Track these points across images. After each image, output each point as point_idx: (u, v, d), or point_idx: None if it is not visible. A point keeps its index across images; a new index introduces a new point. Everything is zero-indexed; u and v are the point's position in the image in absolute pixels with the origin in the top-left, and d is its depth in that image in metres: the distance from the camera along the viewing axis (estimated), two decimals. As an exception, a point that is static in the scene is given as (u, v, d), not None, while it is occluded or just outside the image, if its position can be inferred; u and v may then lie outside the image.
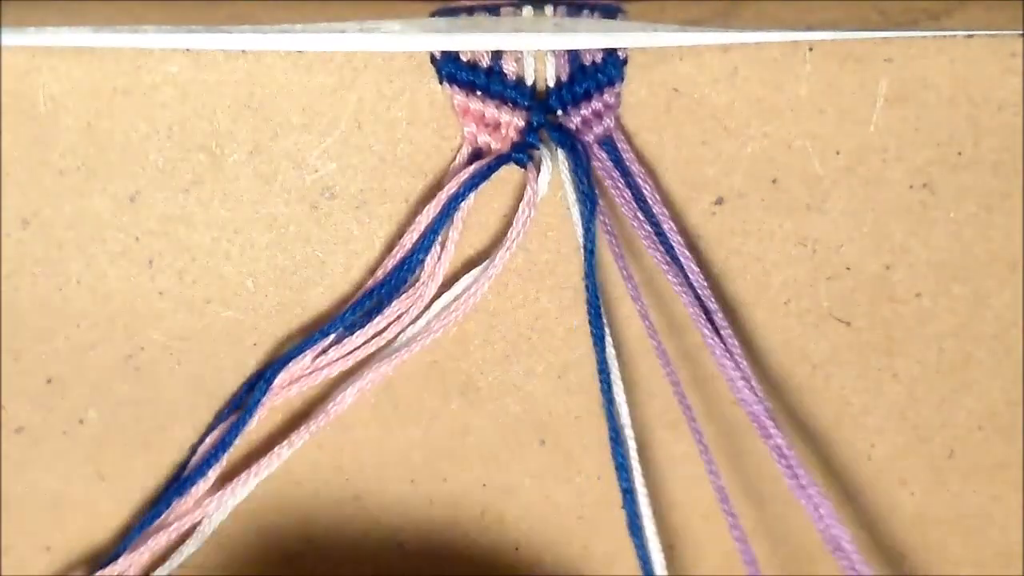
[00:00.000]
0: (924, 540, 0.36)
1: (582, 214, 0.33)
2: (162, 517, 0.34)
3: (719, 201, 0.34)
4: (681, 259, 0.34)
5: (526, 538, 0.36)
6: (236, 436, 0.34)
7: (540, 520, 0.36)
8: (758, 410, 0.33)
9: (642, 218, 0.34)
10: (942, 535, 0.36)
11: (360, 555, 0.36)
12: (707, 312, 0.34)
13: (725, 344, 0.33)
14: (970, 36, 0.33)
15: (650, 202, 0.33)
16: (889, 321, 0.35)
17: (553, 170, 0.34)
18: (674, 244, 0.34)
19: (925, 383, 0.35)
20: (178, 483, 0.34)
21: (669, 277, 0.34)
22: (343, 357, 0.34)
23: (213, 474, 0.34)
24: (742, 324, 0.35)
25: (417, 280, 0.34)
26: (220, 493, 0.34)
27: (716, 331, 0.34)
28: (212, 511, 0.34)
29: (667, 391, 0.35)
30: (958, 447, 0.35)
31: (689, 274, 0.34)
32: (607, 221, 0.34)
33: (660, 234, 0.34)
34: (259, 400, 0.34)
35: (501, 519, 0.36)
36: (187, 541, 0.34)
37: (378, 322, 0.34)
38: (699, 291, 0.34)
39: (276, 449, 0.34)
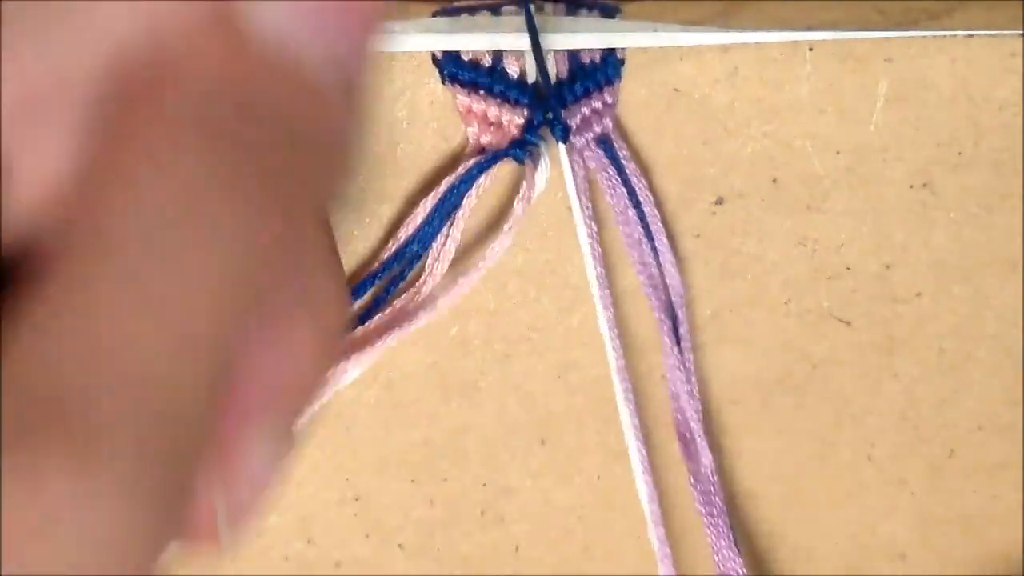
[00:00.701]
0: (924, 540, 0.36)
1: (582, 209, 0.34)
2: None
3: (719, 201, 0.34)
4: (664, 264, 0.34)
5: (526, 538, 0.36)
6: None
7: (540, 520, 0.36)
8: (695, 428, 0.33)
9: (632, 217, 0.34)
10: (942, 535, 0.36)
11: (360, 555, 0.36)
12: (675, 323, 0.34)
13: (683, 355, 0.34)
14: (970, 36, 0.33)
15: (642, 202, 0.34)
16: (889, 321, 0.35)
17: (552, 169, 0.34)
18: (659, 248, 0.34)
19: (925, 383, 0.35)
20: None
21: (643, 279, 0.34)
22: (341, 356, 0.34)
23: None
24: (742, 324, 0.35)
25: (416, 278, 0.34)
26: None
27: (677, 341, 0.34)
28: None
29: (657, 395, 0.35)
30: (958, 447, 0.35)
31: (668, 279, 0.34)
32: (593, 224, 0.34)
33: (648, 235, 0.34)
34: None
35: (501, 519, 0.36)
36: None
37: (377, 320, 0.34)
38: (673, 298, 0.34)
39: None
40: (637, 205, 0.34)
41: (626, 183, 0.34)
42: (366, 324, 0.34)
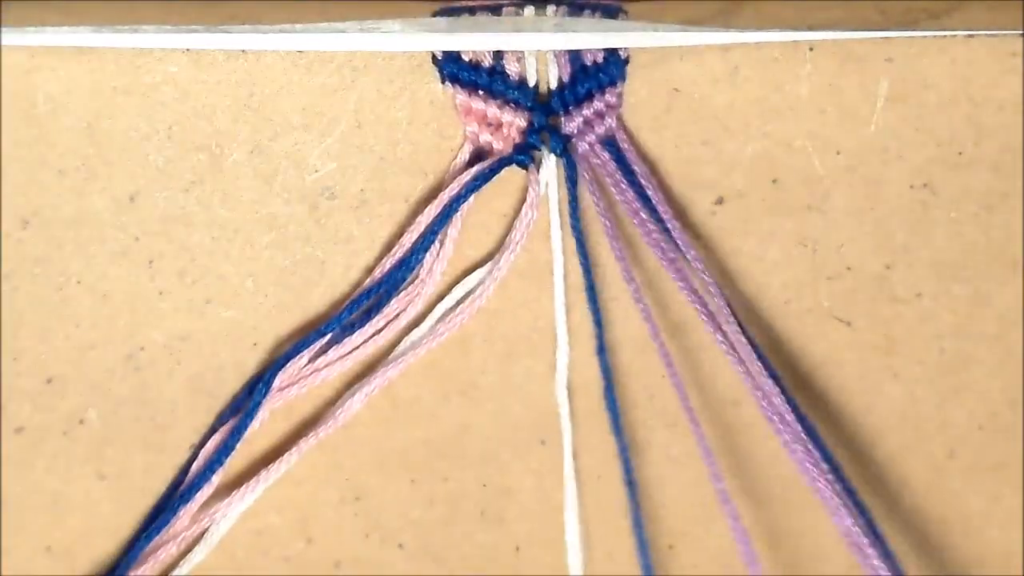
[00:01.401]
0: (924, 540, 0.36)
1: (570, 223, 0.34)
2: (168, 526, 0.34)
3: (719, 201, 0.34)
4: (688, 257, 0.34)
5: (526, 538, 0.36)
6: (238, 441, 0.34)
7: (540, 520, 0.36)
8: (777, 403, 0.33)
9: (645, 217, 0.34)
10: (942, 535, 0.36)
11: (360, 555, 0.36)
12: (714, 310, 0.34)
13: (730, 342, 0.33)
14: (971, 36, 0.33)
15: (654, 201, 0.33)
16: (889, 321, 0.35)
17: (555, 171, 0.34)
18: (679, 242, 0.34)
19: (925, 383, 0.35)
20: (183, 491, 0.34)
21: (672, 275, 0.34)
22: (342, 358, 0.34)
23: (217, 479, 0.34)
24: (742, 324, 0.35)
25: (416, 279, 0.34)
26: (227, 500, 0.34)
27: (720, 329, 0.34)
28: (219, 518, 0.34)
29: (666, 391, 0.35)
30: (958, 447, 0.35)
31: (697, 271, 0.34)
32: (608, 223, 0.34)
33: (664, 232, 0.34)
34: (259, 403, 0.34)
35: (501, 519, 0.36)
36: (194, 548, 0.34)
37: (376, 321, 0.34)
38: (709, 288, 0.34)
39: (285, 456, 0.34)
40: (648, 203, 0.34)
41: (633, 183, 0.34)
42: (366, 341, 0.34)
